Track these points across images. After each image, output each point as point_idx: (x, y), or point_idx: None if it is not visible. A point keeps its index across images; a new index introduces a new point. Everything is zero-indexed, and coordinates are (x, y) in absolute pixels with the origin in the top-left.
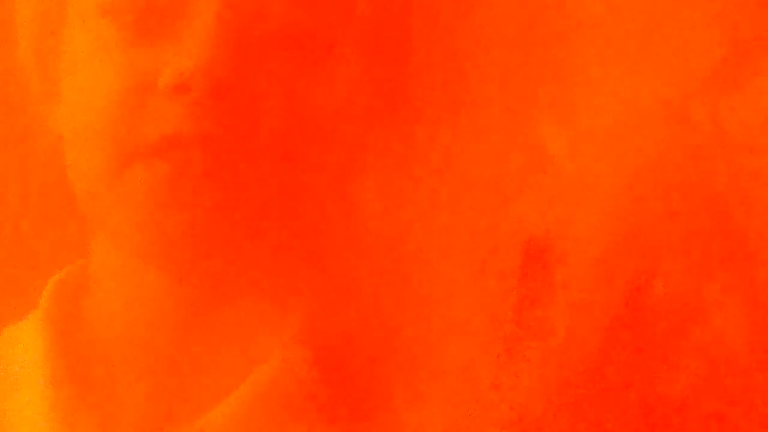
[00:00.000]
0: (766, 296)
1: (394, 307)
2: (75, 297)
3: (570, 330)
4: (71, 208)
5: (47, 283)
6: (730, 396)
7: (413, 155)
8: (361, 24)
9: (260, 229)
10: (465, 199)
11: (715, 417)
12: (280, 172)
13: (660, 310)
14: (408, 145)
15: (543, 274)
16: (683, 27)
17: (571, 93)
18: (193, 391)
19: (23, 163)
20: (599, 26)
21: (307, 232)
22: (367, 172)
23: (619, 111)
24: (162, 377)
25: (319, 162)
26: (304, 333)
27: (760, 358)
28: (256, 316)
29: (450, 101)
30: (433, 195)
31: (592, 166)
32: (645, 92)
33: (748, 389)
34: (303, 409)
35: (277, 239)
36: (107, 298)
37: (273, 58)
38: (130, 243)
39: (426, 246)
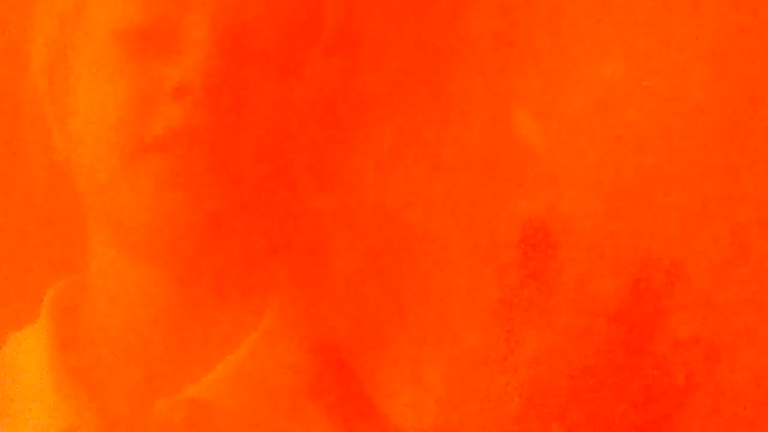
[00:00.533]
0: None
1: (394, 296)
2: (74, 302)
3: (572, 316)
4: (71, 222)
5: (48, 290)
6: (732, 384)
7: (407, 147)
8: (348, 23)
9: (256, 218)
10: (461, 189)
11: (717, 406)
12: (271, 160)
13: (665, 297)
14: (400, 138)
15: (542, 261)
16: (658, 18)
17: (546, 85)
18: (186, 377)
19: (27, 181)
20: (577, 22)
21: (300, 224)
22: (362, 162)
23: (593, 98)
24: (157, 367)
25: (308, 152)
26: (288, 314)
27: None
28: (248, 309)
29: (437, 95)
30: (430, 185)
31: (566, 154)
32: (617, 78)
33: (752, 378)
34: (285, 384)
35: (272, 230)
36: (105, 298)
37: (259, 62)
38: (133, 234)
39: (424, 236)
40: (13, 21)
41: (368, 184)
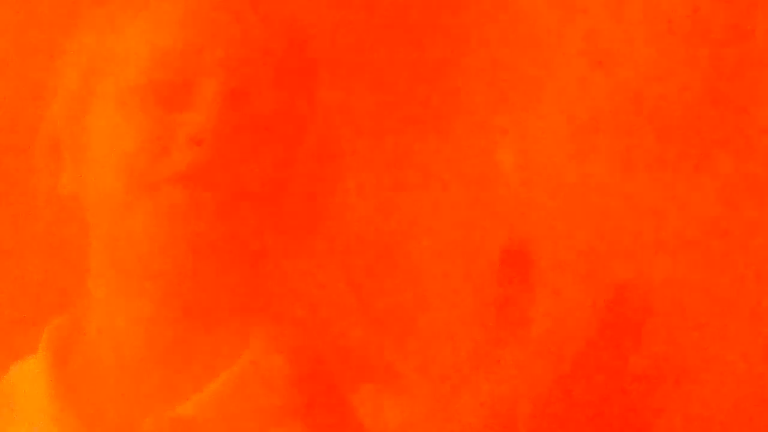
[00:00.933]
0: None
1: (376, 314)
2: (71, 335)
3: (551, 328)
4: (70, 262)
5: (47, 325)
6: (713, 397)
7: (394, 167)
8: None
9: (249, 255)
10: (444, 206)
11: (697, 417)
12: (269, 203)
13: (638, 320)
14: (389, 159)
15: (521, 275)
16: (636, 49)
17: (524, 117)
18: (174, 400)
19: (30, 226)
20: (555, 55)
21: (289, 257)
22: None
23: (568, 130)
24: (146, 392)
25: (302, 194)
26: (273, 335)
27: (745, 354)
28: (234, 336)
29: (422, 125)
30: (415, 203)
31: (542, 184)
32: (592, 110)
33: (721, 396)
34: (270, 403)
35: (262, 266)
36: (99, 330)
37: (261, 117)
38: (132, 264)
39: (408, 250)
40: (38, 64)
41: (352, 209)
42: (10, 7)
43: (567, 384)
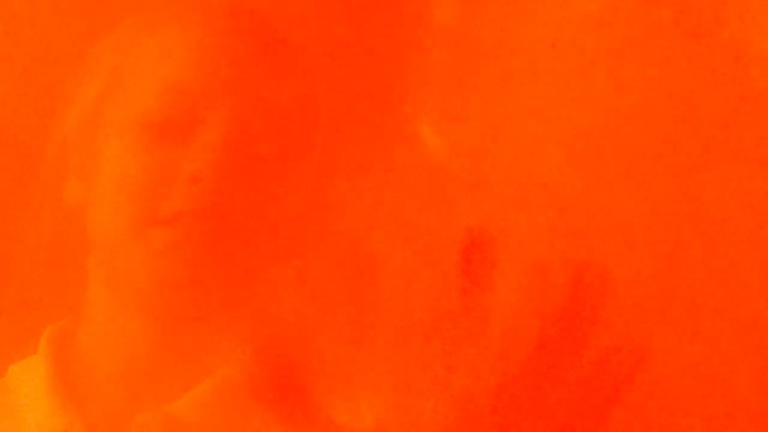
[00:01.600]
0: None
1: (337, 306)
2: (69, 339)
3: (508, 326)
4: (71, 268)
5: (46, 328)
6: (669, 389)
7: (354, 164)
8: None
9: (237, 283)
10: (404, 201)
11: (653, 411)
12: (261, 243)
13: (600, 303)
14: (347, 155)
15: (481, 266)
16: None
17: (450, 98)
18: (163, 397)
19: (33, 232)
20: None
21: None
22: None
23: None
24: (138, 392)
25: (297, 223)
26: (256, 341)
27: (706, 343)
28: (219, 346)
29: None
30: (377, 199)
31: (495, 167)
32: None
33: (682, 382)
34: (252, 402)
35: (248, 289)
36: (95, 336)
37: (262, 160)
38: (129, 291)
39: (368, 251)
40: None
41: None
42: (36, 9)
43: (525, 377)
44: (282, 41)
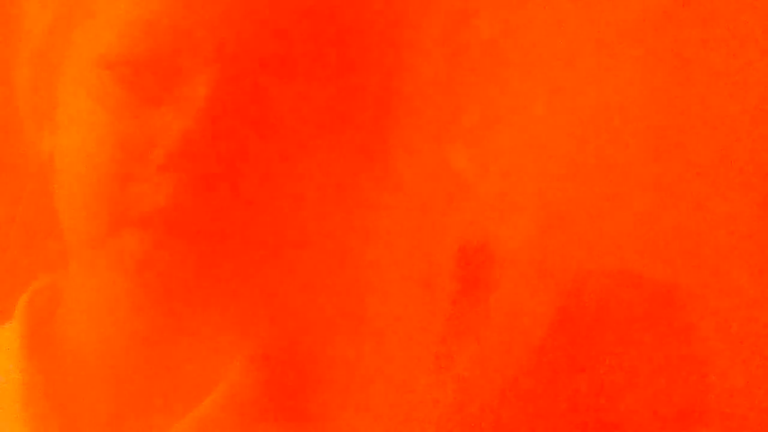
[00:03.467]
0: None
1: (335, 314)
2: (49, 307)
3: (506, 330)
4: (51, 225)
5: (25, 291)
6: (666, 397)
7: (355, 171)
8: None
9: (228, 291)
10: (402, 210)
11: (651, 420)
12: (248, 247)
13: (595, 313)
14: (344, 159)
15: (477, 277)
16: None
17: (480, 119)
18: (157, 401)
19: (12, 184)
20: (512, 58)
21: (267, 274)
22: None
23: (526, 130)
24: (129, 388)
25: (284, 235)
26: (258, 353)
27: (696, 356)
28: (217, 339)
29: (375, 130)
30: (371, 203)
31: (498, 183)
32: (549, 111)
33: (677, 384)
34: (257, 419)
35: (241, 287)
36: (81, 309)
37: (253, 144)
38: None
39: (365, 255)
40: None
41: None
42: None
43: (525, 379)
44: None
